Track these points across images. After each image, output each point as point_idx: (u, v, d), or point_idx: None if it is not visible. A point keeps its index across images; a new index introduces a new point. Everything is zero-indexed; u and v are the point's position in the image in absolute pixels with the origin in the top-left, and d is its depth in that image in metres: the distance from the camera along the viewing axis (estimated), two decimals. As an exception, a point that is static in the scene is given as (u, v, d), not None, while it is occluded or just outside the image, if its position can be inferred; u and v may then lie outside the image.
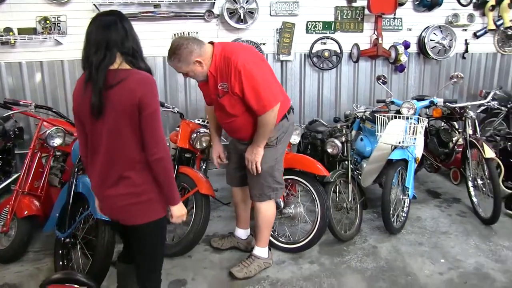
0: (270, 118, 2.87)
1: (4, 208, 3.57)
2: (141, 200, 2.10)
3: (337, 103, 5.98)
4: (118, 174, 2.07)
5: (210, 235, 3.87)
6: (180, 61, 2.83)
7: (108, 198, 2.16)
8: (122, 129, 2.01)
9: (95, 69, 1.95)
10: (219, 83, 2.91)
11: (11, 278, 3.32)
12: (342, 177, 3.91)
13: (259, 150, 3.01)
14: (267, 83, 2.85)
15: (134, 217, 2.14)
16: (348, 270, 3.39)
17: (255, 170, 3.06)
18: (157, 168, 2.04)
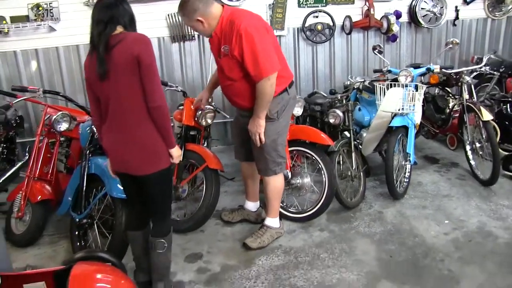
0: (266, 86, 2.90)
1: (17, 194, 3.61)
2: (150, 152, 2.42)
3: (331, 76, 6.04)
4: (127, 129, 2.37)
5: (219, 210, 3.94)
6: (184, 15, 2.97)
7: (119, 152, 2.45)
8: (126, 83, 2.29)
9: (97, 36, 2.28)
10: (222, 45, 2.97)
11: (32, 261, 3.38)
12: (345, 147, 4.00)
13: (260, 121, 3.05)
14: (267, 51, 2.87)
15: (145, 168, 2.45)
16: (357, 235, 3.50)
17: (258, 141, 3.12)
18: (156, 115, 2.34)
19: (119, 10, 2.34)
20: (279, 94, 3.08)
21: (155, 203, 2.64)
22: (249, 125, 3.12)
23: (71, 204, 3.29)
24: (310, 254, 3.27)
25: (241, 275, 3.07)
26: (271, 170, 3.26)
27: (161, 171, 2.49)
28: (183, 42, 5.53)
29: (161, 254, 2.69)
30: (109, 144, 2.50)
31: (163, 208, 2.68)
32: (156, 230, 2.69)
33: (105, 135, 2.50)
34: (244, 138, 3.33)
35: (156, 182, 2.54)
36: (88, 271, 2.15)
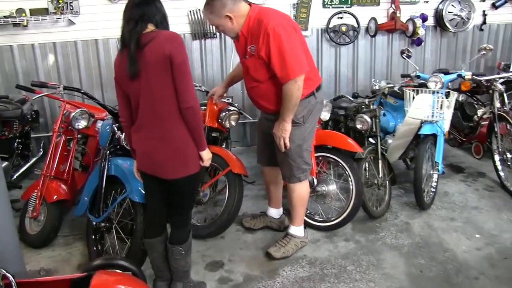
0: (293, 89, 2.76)
1: (32, 193, 3.49)
2: (181, 154, 2.34)
3: (354, 79, 5.89)
4: (159, 128, 2.30)
5: (240, 215, 3.79)
6: (212, 12, 2.81)
7: (150, 153, 2.37)
8: (158, 82, 2.22)
9: (128, 34, 2.22)
10: (248, 45, 2.85)
11: (46, 263, 3.26)
12: (372, 153, 3.85)
13: (286, 125, 2.92)
14: (295, 52, 2.74)
15: (175, 172, 2.37)
16: (384, 247, 3.35)
17: (283, 146, 2.99)
18: (189, 116, 2.26)
19: (152, 9, 2.27)
20: (306, 97, 2.94)
21: (178, 208, 2.59)
22: (274, 129, 2.98)
23: (88, 206, 3.16)
24: (337, 266, 3.12)
25: (265, 286, 2.93)
26: (296, 176, 3.12)
27: (191, 176, 2.42)
28: (204, 39, 5.40)
29: (179, 260, 2.62)
30: (139, 144, 2.42)
31: (185, 215, 2.63)
32: (175, 236, 2.62)
33: (135, 135, 2.42)
34: (268, 142, 3.20)
35: (184, 187, 2.47)
36: (109, 282, 2.04)
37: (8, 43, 4.91)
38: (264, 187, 4.03)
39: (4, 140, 4.04)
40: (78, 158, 4.08)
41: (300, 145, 3.03)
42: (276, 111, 2.96)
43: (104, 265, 2.49)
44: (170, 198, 2.54)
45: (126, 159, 3.01)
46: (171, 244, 2.60)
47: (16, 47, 4.95)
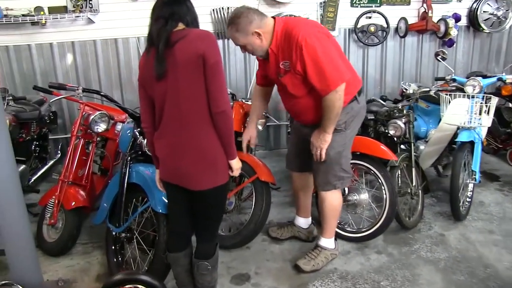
0: (335, 100, 2.58)
1: (49, 199, 3.35)
2: (209, 163, 2.15)
3: (382, 81, 5.68)
4: (186, 134, 2.12)
5: (265, 223, 3.62)
6: (238, 30, 2.61)
7: (175, 160, 2.18)
8: (188, 83, 2.04)
9: (156, 32, 2.04)
10: (280, 61, 2.67)
11: (64, 273, 3.13)
12: (405, 161, 3.64)
13: (327, 136, 2.74)
14: (332, 60, 2.56)
15: (201, 183, 2.18)
16: (419, 260, 3.14)
17: (319, 157, 2.81)
18: (220, 122, 2.09)
19: (182, 8, 2.11)
20: (348, 103, 2.76)
21: (205, 222, 2.40)
22: (313, 138, 2.80)
23: (108, 214, 3.01)
24: (370, 281, 2.93)
25: (294, 303, 2.75)
26: (331, 184, 2.92)
27: (219, 187, 2.23)
28: (228, 39, 5.21)
29: (205, 275, 2.45)
30: (163, 151, 2.24)
31: (212, 228, 2.44)
32: (201, 251, 2.44)
33: (158, 141, 2.24)
34: (302, 148, 3.02)
35: (211, 199, 2.28)
36: None
37: (26, 42, 4.80)
38: (290, 193, 3.85)
39: (21, 142, 3.91)
40: (97, 161, 3.94)
41: (339, 152, 2.84)
42: (316, 122, 2.78)
43: (125, 280, 2.37)
44: (196, 210, 2.36)
45: (148, 166, 2.85)
46: (197, 259, 2.42)
47: (34, 46, 4.84)
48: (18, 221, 2.54)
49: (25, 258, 2.62)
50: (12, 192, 2.48)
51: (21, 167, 3.80)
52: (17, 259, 2.61)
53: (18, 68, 4.88)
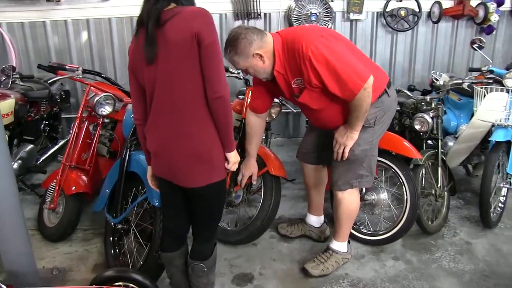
0: (363, 98, 2.31)
1: (51, 182, 3.22)
2: (204, 158, 1.94)
3: (411, 70, 5.34)
4: (177, 124, 1.91)
5: (276, 218, 3.39)
6: (237, 53, 2.37)
7: (165, 155, 1.99)
8: (180, 66, 1.83)
9: (147, 13, 1.84)
10: (291, 81, 2.43)
11: (61, 260, 3.01)
12: (431, 159, 3.34)
13: (354, 134, 2.48)
14: (347, 62, 2.28)
15: (195, 179, 1.98)
16: (440, 271, 2.86)
17: (340, 155, 2.55)
18: (218, 108, 1.87)
19: None
20: (378, 98, 2.49)
21: (201, 221, 2.22)
22: (338, 134, 2.54)
23: (107, 203, 2.84)
24: (383, 291, 2.69)
25: (298, 310, 2.54)
26: (348, 183, 2.66)
27: (215, 184, 2.02)
28: (248, 20, 4.99)
29: (200, 277, 2.26)
30: (154, 144, 2.02)
31: (209, 228, 2.25)
32: (197, 251, 2.26)
33: (149, 133, 2.03)
34: (322, 142, 2.79)
35: (207, 197, 2.08)
36: None
37: (41, 19, 4.70)
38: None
39: (30, 121, 3.78)
40: (106, 144, 3.78)
41: (365, 150, 2.57)
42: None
43: (115, 277, 2.22)
44: (191, 208, 2.17)
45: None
46: (192, 259, 2.23)
47: (49, 23, 4.72)
48: (9, 206, 2.41)
49: (17, 245, 2.49)
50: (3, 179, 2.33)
51: (28, 147, 3.69)
52: (8, 246, 2.48)
53: (33, 46, 4.80)
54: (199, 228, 2.23)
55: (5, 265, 2.53)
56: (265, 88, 2.67)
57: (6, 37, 4.71)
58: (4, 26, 4.74)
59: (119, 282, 2.21)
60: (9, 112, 3.28)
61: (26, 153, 3.62)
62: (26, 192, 3.92)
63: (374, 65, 2.56)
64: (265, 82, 2.59)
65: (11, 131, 3.44)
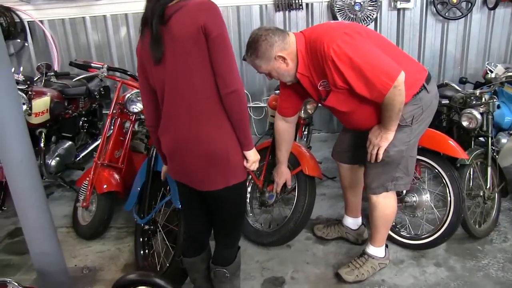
0: (394, 96, 2.11)
1: (84, 181, 3.23)
2: (220, 159, 1.84)
3: (463, 61, 4.99)
4: (190, 126, 1.81)
5: (313, 218, 3.27)
6: (258, 57, 2.24)
7: (179, 159, 1.91)
8: (189, 62, 1.73)
9: (151, 10, 1.74)
10: (317, 83, 2.27)
11: (93, 259, 3.02)
12: (479, 158, 3.09)
13: (389, 134, 2.29)
14: (373, 59, 2.09)
15: (212, 182, 1.89)
16: (486, 280, 2.63)
17: (374, 156, 2.38)
18: (232, 104, 1.77)
19: None
20: (415, 95, 2.28)
21: (222, 226, 2.13)
22: (371, 134, 2.37)
23: (136, 203, 2.81)
24: (422, 301, 2.50)
25: (329, 319, 2.40)
26: (383, 186, 2.48)
27: (234, 186, 1.91)
28: (289, 11, 4.84)
29: (223, 283, 2.18)
30: (168, 147, 1.94)
31: (230, 232, 2.16)
32: (219, 256, 2.17)
33: (162, 137, 1.94)
34: (356, 141, 2.63)
35: (226, 200, 1.99)
36: None
37: (81, 15, 4.76)
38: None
39: (67, 118, 3.83)
40: (144, 140, 3.77)
41: (401, 151, 2.37)
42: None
43: (137, 281, 2.16)
44: (210, 213, 2.08)
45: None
46: (214, 265, 2.15)
47: (89, 19, 4.77)
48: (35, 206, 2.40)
49: (44, 245, 2.50)
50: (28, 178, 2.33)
51: (66, 144, 3.74)
52: (35, 246, 2.50)
53: (73, 42, 4.87)
54: (220, 233, 2.14)
55: (34, 264, 2.55)
56: (293, 90, 2.53)
57: (48, 34, 4.80)
58: (46, 23, 4.84)
59: (142, 287, 2.18)
60: (44, 110, 3.31)
61: (64, 150, 3.67)
62: (65, 189, 3.99)
63: (409, 60, 2.36)
64: (293, 84, 2.44)
65: (48, 128, 3.47)
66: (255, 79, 5.05)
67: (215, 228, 2.15)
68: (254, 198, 3.26)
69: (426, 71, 2.38)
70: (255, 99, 5.16)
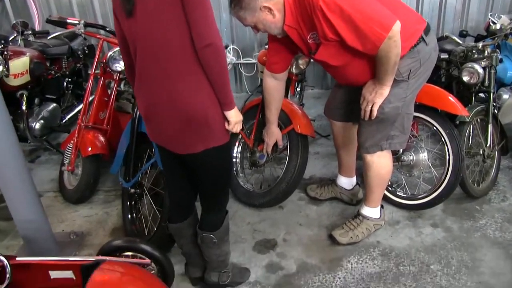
0: (390, 49, 1.95)
1: (68, 144, 3.11)
2: (198, 119, 1.70)
3: (464, 12, 4.73)
4: (164, 85, 1.68)
5: (306, 178, 3.17)
6: (242, 8, 2.08)
7: (157, 122, 1.79)
8: (162, 16, 1.59)
9: None
10: (307, 36, 2.10)
11: (80, 223, 2.95)
12: (480, 115, 2.96)
13: (384, 90, 2.15)
14: (365, 7, 1.93)
15: (190, 145, 1.77)
16: (484, 241, 2.56)
17: (368, 114, 2.24)
18: (208, 58, 1.61)
19: None
20: (413, 48, 2.12)
21: (206, 190, 2.03)
22: (365, 90, 2.22)
23: (122, 165, 2.70)
24: (417, 263, 2.43)
25: (322, 282, 2.34)
26: (377, 145, 2.36)
27: (214, 149, 1.80)
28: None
29: (211, 248, 2.10)
30: (143, 108, 1.83)
31: (216, 196, 2.05)
32: (205, 222, 2.09)
33: (137, 97, 1.84)
34: (350, 98, 2.48)
35: (207, 163, 1.87)
36: (111, 281, 1.59)
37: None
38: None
39: (50, 79, 3.65)
40: (131, 100, 3.62)
41: (397, 107, 2.23)
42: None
43: (123, 247, 2.09)
44: (193, 177, 1.97)
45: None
46: (201, 230, 2.06)
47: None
48: (15, 172, 2.30)
49: (28, 212, 2.41)
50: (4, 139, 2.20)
51: (50, 106, 3.58)
52: (19, 213, 2.42)
53: (54, 0, 4.59)
54: (205, 197, 2.05)
55: (20, 231, 2.49)
56: (282, 44, 2.35)
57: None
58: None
59: (128, 252, 2.10)
60: (23, 71, 3.13)
61: (48, 113, 3.51)
62: (52, 152, 3.87)
63: (406, 9, 2.20)
64: (282, 38, 2.28)
65: (30, 90, 3.31)
66: (245, 34, 4.82)
67: (200, 193, 2.06)
68: (244, 158, 3.15)
69: (425, 22, 2.21)
70: (246, 55, 4.95)
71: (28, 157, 3.84)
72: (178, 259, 2.46)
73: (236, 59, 4.92)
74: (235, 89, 5.12)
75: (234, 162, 3.08)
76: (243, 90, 5.16)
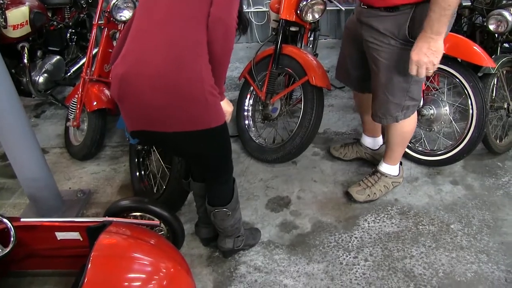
0: None
1: (72, 98, 2.99)
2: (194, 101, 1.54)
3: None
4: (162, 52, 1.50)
5: (320, 132, 3.04)
6: None
7: (139, 93, 1.54)
8: None
9: None
10: None
11: (87, 181, 2.86)
12: (506, 66, 2.78)
13: (438, 42, 1.82)
14: None
15: (180, 123, 1.58)
16: (506, 199, 2.45)
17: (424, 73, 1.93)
18: (216, 33, 1.49)
19: None
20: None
21: (206, 165, 1.86)
22: (414, 53, 1.87)
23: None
24: (437, 222, 2.33)
25: (337, 242, 2.26)
26: (392, 116, 2.20)
27: (210, 130, 1.64)
28: None
29: (225, 221, 1.98)
30: (126, 66, 1.56)
31: (218, 171, 1.89)
32: (213, 197, 1.95)
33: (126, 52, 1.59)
34: (359, 57, 2.27)
35: (204, 145, 1.72)
36: (119, 244, 1.53)
37: None
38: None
39: (53, 31, 3.50)
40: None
41: (406, 73, 2.01)
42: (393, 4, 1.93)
43: (131, 208, 2.02)
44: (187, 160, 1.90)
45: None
46: (212, 206, 1.94)
47: None
48: (17, 130, 2.20)
49: (32, 171, 2.34)
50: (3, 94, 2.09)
51: (54, 59, 3.45)
52: (24, 172, 2.35)
53: None
54: (208, 174, 1.91)
55: (25, 190, 2.43)
56: None
57: None
58: None
59: (135, 213, 2.02)
60: (23, 22, 2.98)
61: (52, 66, 3.38)
62: (57, 107, 3.76)
63: None
64: None
65: (31, 42, 3.17)
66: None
67: (198, 170, 1.97)
68: (256, 111, 3.03)
69: None
70: (257, 3, 4.75)
71: (33, 112, 3.74)
72: (188, 217, 2.39)
73: (246, 7, 4.70)
74: (245, 39, 4.93)
75: (246, 116, 2.97)
76: (253, 39, 4.96)
